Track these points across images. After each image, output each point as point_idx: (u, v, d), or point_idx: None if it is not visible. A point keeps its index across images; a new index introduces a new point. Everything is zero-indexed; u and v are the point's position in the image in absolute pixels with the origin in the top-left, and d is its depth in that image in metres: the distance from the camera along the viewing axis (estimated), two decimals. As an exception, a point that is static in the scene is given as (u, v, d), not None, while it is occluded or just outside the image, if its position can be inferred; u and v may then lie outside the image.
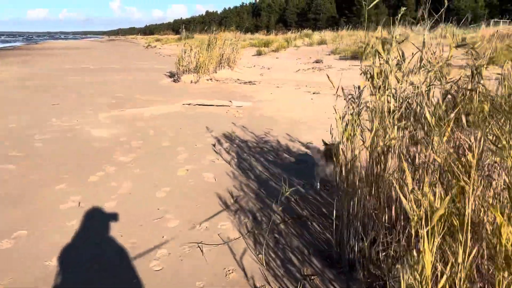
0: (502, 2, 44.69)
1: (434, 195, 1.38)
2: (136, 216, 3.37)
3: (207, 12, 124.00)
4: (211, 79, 12.52)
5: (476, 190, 1.39)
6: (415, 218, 1.34)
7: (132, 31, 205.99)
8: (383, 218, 2.38)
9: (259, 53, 24.52)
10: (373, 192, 2.42)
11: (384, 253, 2.41)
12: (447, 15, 2.83)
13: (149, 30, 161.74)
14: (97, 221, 3.31)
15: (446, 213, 1.36)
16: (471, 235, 1.37)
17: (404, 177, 2.25)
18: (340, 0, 72.15)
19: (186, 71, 12.44)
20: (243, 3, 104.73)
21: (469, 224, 1.33)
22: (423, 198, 1.35)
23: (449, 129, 1.71)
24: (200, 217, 3.35)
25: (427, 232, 1.35)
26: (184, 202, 3.68)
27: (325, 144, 3.78)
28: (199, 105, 8.58)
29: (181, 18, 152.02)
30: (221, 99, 9.05)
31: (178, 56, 12.54)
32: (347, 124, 2.53)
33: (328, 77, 2.64)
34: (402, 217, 2.43)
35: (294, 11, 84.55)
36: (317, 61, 17.61)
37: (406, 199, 1.40)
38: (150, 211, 3.47)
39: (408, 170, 1.59)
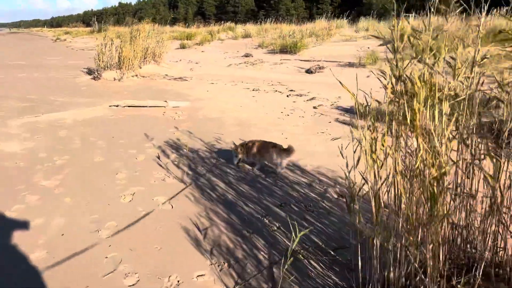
0: (409, -3, 48.43)
1: None
2: (77, 273, 2.48)
3: (120, 3, 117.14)
4: (136, 76, 11.30)
5: None
6: None
7: (36, 23, 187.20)
8: (433, 269, 1.83)
9: (183, 47, 23.29)
10: (416, 235, 1.86)
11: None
12: (361, 9, 2.42)
13: (56, 22, 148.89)
14: (20, 283, 2.36)
15: None
16: None
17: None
18: (258, -7, 72.55)
19: (107, 67, 11.07)
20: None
21: None
22: None
23: None
24: (166, 266, 2.56)
25: None
26: (139, 243, 2.83)
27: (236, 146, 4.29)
28: (129, 106, 7.51)
29: (92, 9, 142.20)
30: (153, 98, 8.03)
31: (97, 50, 11.10)
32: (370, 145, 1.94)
33: (341, 83, 2.04)
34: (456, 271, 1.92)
35: (212, 3, 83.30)
36: (246, 55, 17.02)
37: None
38: (96, 263, 2.58)
39: None
